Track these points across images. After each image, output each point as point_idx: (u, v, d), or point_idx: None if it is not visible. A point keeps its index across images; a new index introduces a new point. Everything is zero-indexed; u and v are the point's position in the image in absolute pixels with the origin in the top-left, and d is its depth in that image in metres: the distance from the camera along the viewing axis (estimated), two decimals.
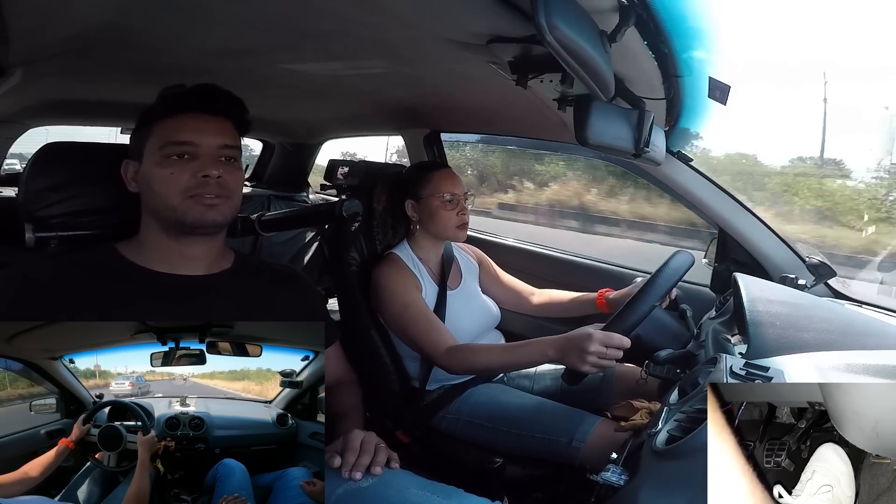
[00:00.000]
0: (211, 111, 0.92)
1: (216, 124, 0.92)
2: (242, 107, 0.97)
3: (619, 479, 0.76)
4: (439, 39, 1.01)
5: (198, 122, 0.90)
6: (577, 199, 8.72)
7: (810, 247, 1.56)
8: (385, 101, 1.77)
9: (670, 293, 1.31)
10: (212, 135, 0.90)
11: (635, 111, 1.02)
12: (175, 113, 0.90)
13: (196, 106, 0.91)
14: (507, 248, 2.18)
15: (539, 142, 2.12)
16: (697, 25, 0.87)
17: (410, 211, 1.46)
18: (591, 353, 1.07)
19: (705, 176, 1.50)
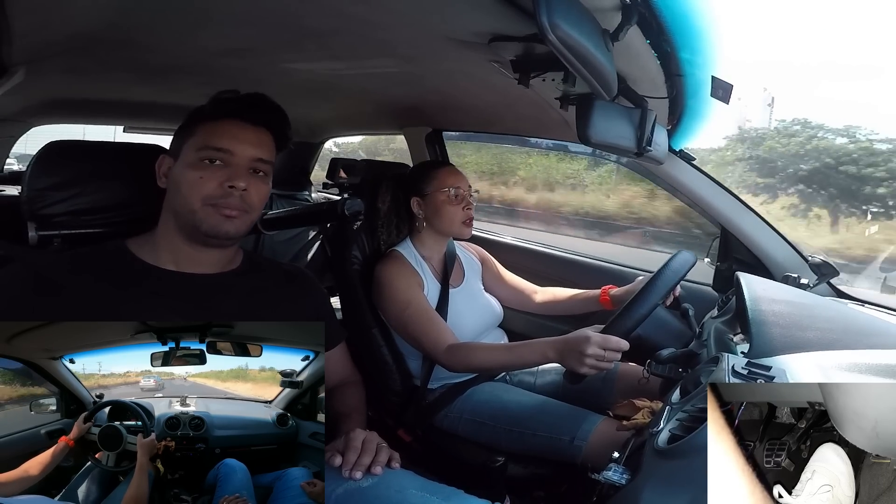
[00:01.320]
0: (254, 121, 0.93)
1: (255, 135, 0.93)
2: (286, 121, 0.98)
3: (620, 478, 0.76)
4: (441, 38, 1.01)
5: (239, 130, 0.91)
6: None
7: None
8: (387, 99, 1.77)
9: (674, 291, 1.31)
10: (248, 145, 0.91)
11: (637, 110, 1.02)
12: (221, 117, 0.91)
13: (241, 114, 0.92)
14: (510, 247, 2.18)
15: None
16: (700, 24, 0.87)
17: (416, 208, 1.46)
18: (588, 355, 1.07)
19: (707, 175, 1.50)
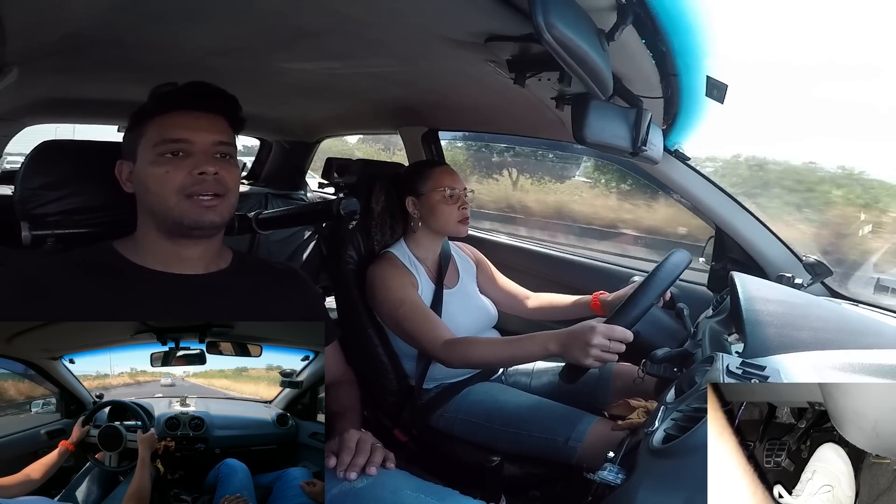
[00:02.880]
0: (204, 108, 0.92)
1: (209, 121, 0.91)
2: (235, 103, 0.96)
3: (616, 478, 0.76)
4: (437, 37, 1.00)
5: (191, 119, 0.90)
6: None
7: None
8: (383, 99, 1.76)
9: (666, 293, 1.31)
10: (206, 132, 0.90)
11: (633, 110, 1.03)
12: (168, 111, 0.90)
13: (188, 103, 0.91)
14: (505, 247, 2.18)
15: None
16: (695, 24, 0.87)
17: (411, 208, 1.46)
18: (594, 345, 1.04)
19: (703, 175, 1.50)
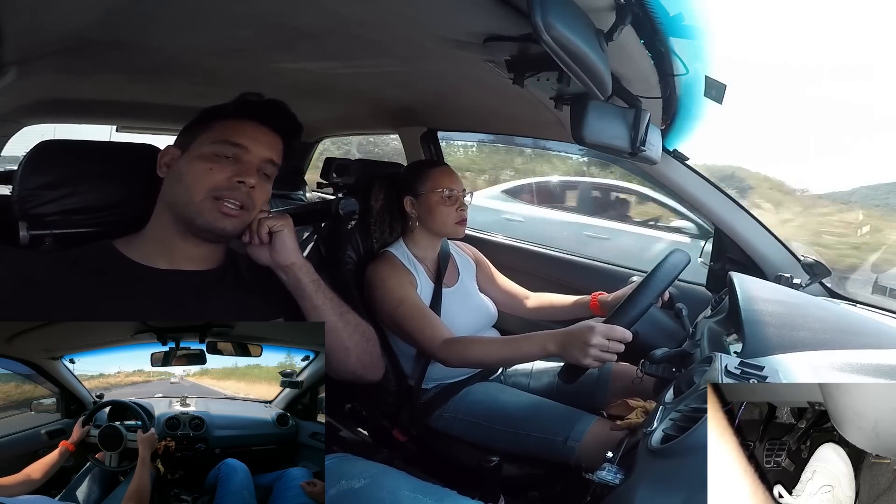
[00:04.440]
0: (272, 125, 0.96)
1: (271, 138, 0.96)
2: (300, 132, 1.01)
3: (614, 478, 0.76)
4: (436, 38, 1.01)
5: (256, 130, 0.94)
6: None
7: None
8: (382, 99, 1.77)
9: (663, 294, 1.31)
10: (263, 146, 0.93)
11: (632, 110, 1.03)
12: (241, 117, 0.94)
13: (262, 117, 0.95)
14: (504, 247, 2.18)
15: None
16: (694, 24, 0.87)
17: (409, 207, 1.46)
18: (593, 345, 1.05)
19: (701, 175, 1.51)
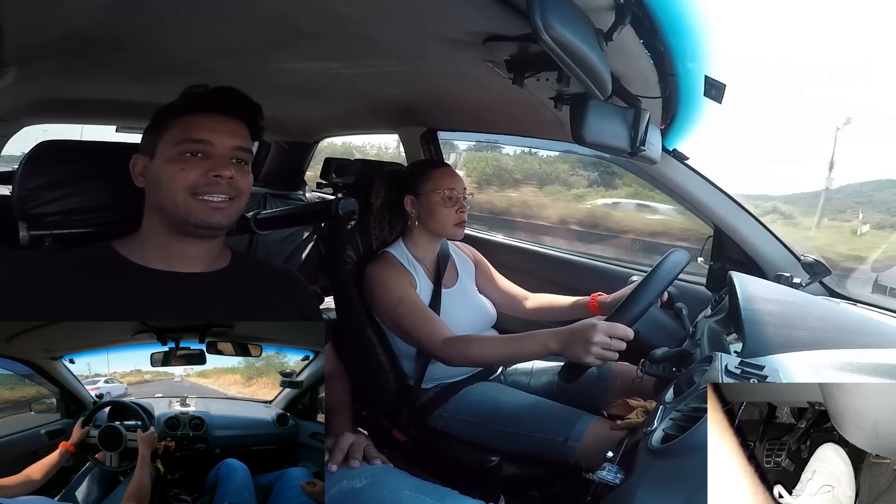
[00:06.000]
0: (229, 113, 0.94)
1: (232, 126, 0.93)
2: (259, 112, 0.98)
3: (614, 478, 0.76)
4: (436, 38, 1.01)
5: (215, 122, 0.92)
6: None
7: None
8: (381, 99, 1.77)
9: (663, 294, 1.31)
10: (227, 135, 0.92)
11: (631, 110, 1.02)
12: (194, 111, 0.92)
13: (215, 106, 0.93)
14: (504, 247, 2.18)
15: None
16: (693, 24, 0.87)
17: (409, 207, 1.45)
18: (595, 343, 1.03)
19: (701, 175, 1.50)
